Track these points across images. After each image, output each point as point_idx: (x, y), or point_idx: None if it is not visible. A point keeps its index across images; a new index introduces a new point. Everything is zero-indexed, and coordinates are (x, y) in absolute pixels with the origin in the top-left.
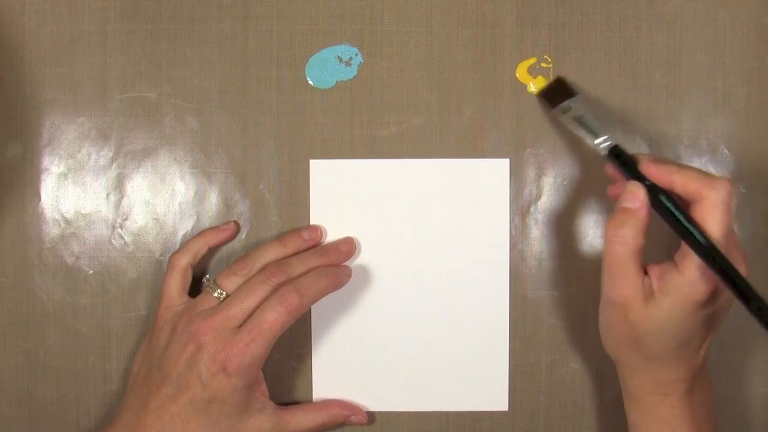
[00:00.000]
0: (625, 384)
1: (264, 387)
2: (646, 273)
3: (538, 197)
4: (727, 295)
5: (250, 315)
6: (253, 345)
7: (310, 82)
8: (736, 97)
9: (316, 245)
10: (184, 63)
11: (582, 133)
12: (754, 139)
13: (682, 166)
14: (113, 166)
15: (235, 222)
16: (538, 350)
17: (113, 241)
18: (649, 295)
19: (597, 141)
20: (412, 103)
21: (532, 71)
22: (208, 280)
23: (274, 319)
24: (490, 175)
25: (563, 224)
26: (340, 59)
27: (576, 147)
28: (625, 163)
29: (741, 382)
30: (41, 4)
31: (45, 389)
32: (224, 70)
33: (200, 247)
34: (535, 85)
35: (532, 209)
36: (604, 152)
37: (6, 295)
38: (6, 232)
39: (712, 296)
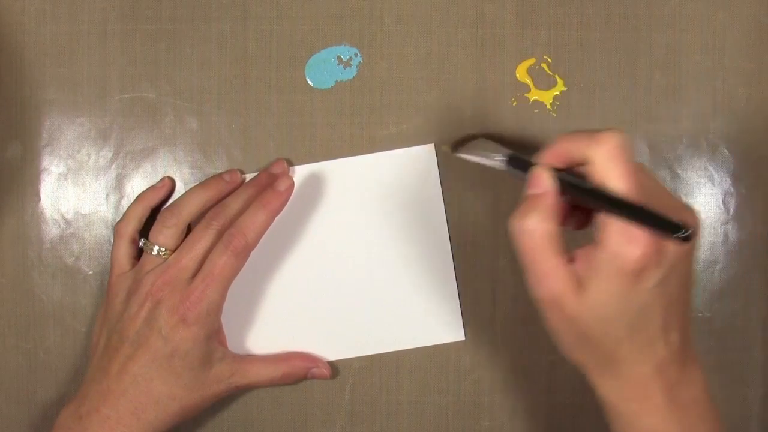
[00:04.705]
0: (599, 393)
1: (223, 336)
2: (574, 261)
3: None
4: (670, 257)
5: (201, 263)
6: (209, 291)
7: (310, 83)
8: (736, 98)
9: (238, 187)
10: (184, 63)
11: (486, 161)
12: (754, 139)
13: (568, 134)
14: (113, 166)
15: (169, 178)
16: (538, 350)
17: (113, 241)
18: (579, 283)
19: (497, 160)
20: (412, 103)
21: (532, 71)
22: (144, 241)
23: (224, 263)
24: (418, 162)
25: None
26: (340, 59)
27: None
28: (523, 164)
29: (741, 382)
30: (41, 4)
31: (45, 389)
32: (224, 70)
33: (142, 211)
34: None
35: None
36: (504, 165)
37: (6, 295)
38: (6, 232)
39: (645, 262)
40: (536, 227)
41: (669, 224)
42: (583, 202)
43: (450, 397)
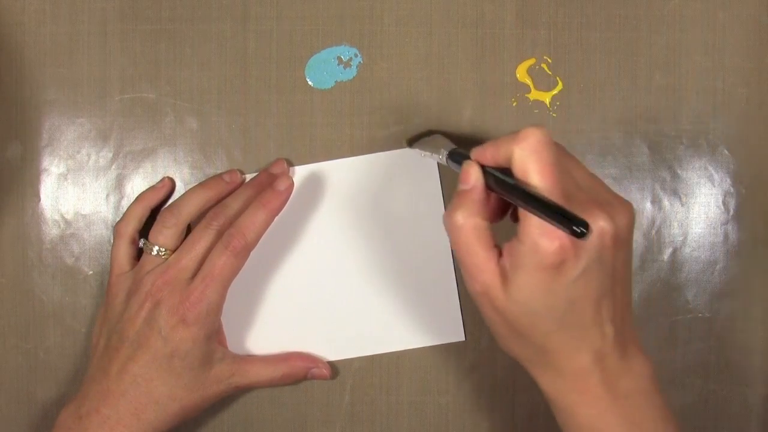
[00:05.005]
0: (540, 387)
1: (223, 337)
2: (502, 255)
3: None
4: (590, 249)
5: (201, 264)
6: (208, 292)
7: (310, 83)
8: (736, 98)
9: (237, 187)
10: (184, 63)
11: (436, 157)
12: (754, 139)
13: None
14: (113, 166)
15: (169, 178)
16: None
17: (112, 241)
18: (505, 276)
19: (441, 155)
20: (412, 104)
21: (532, 72)
22: (143, 241)
23: (223, 263)
24: (419, 162)
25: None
26: (340, 60)
27: (575, 149)
28: (462, 159)
29: (741, 382)
30: (41, 5)
31: (45, 389)
32: (224, 70)
33: (142, 211)
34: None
35: None
36: (445, 160)
37: (6, 295)
38: (6, 233)
39: (563, 255)
40: (464, 222)
41: (566, 219)
42: (508, 198)
43: (450, 397)
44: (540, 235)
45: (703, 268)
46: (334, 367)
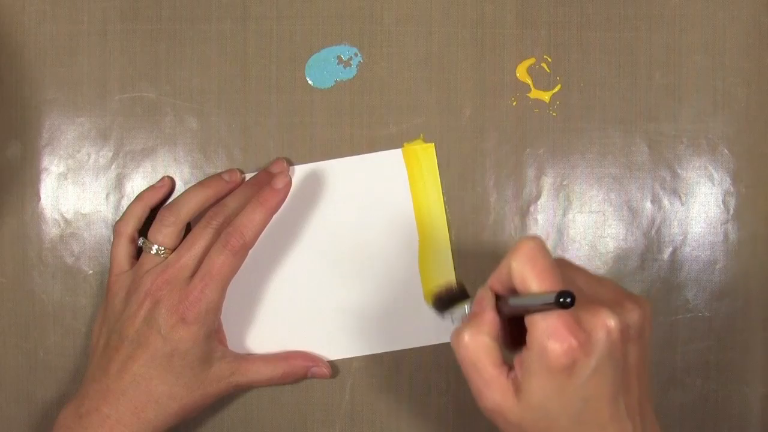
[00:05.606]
0: None
1: (222, 335)
2: (512, 369)
3: (538, 197)
4: (600, 347)
5: (200, 263)
6: (207, 291)
7: (310, 82)
8: (736, 97)
9: (237, 186)
10: (184, 63)
11: (461, 316)
12: (754, 139)
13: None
14: (113, 166)
15: (169, 177)
16: None
17: (112, 240)
18: (517, 388)
19: (466, 310)
20: (412, 103)
21: (532, 71)
22: (143, 240)
23: (222, 262)
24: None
25: (562, 224)
26: (340, 59)
27: (575, 148)
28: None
29: (741, 382)
30: (41, 4)
31: (45, 389)
32: (224, 70)
33: (142, 210)
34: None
35: (531, 209)
36: (466, 312)
37: (6, 295)
38: (6, 232)
39: (572, 355)
40: (470, 341)
41: (552, 299)
42: (512, 311)
43: (450, 397)
44: (547, 337)
45: (703, 267)
46: (334, 367)
